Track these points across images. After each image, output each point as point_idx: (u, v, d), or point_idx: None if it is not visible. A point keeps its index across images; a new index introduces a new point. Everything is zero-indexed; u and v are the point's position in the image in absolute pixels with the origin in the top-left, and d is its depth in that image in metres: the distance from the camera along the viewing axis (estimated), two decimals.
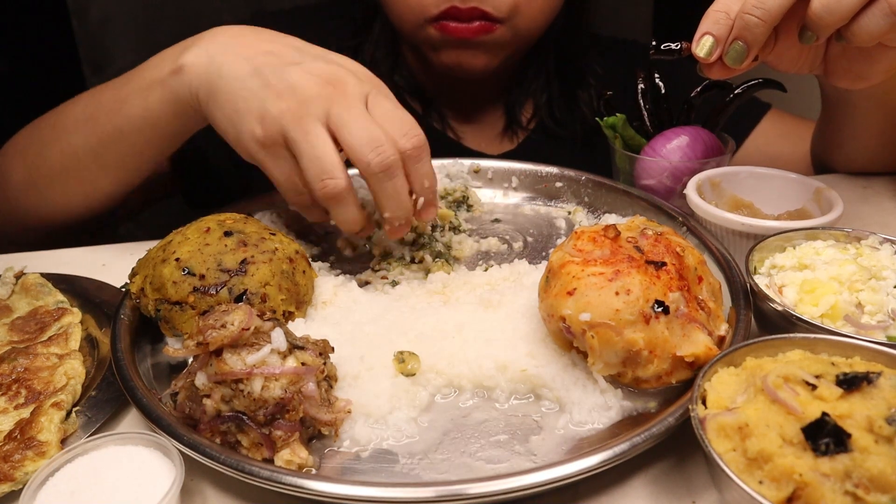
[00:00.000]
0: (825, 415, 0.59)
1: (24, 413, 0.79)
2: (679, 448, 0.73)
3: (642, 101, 1.24)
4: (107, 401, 0.81)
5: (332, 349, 0.80)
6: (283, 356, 0.73)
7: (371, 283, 1.03)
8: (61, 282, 1.02)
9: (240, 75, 0.94)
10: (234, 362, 0.71)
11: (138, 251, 1.06)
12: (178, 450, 0.68)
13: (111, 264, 1.12)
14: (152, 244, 0.95)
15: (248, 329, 0.73)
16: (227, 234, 0.91)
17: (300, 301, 0.91)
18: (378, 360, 0.82)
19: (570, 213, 1.19)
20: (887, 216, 1.19)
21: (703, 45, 0.92)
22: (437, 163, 1.16)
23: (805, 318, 0.77)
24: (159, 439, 0.69)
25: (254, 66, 0.94)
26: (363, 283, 1.02)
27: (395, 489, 0.65)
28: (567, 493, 0.70)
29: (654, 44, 0.99)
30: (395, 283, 1.01)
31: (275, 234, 0.94)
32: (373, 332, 0.87)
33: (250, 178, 1.18)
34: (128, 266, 0.95)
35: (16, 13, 2.70)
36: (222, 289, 0.86)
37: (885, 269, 0.83)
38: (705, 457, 0.62)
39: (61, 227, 1.21)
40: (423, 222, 1.07)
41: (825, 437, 0.58)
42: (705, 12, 0.92)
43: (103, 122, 1.08)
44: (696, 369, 0.75)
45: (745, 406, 0.63)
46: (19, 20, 2.74)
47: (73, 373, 0.84)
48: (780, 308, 0.79)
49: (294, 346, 0.75)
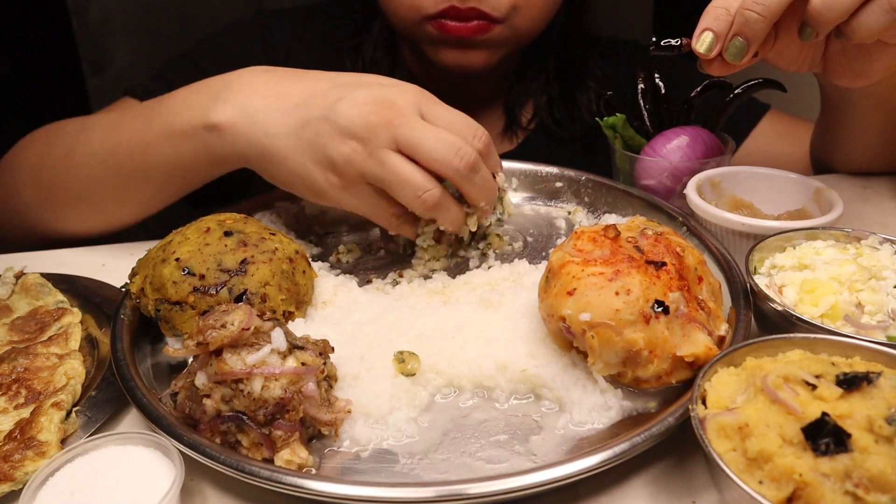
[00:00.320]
0: (825, 415, 0.59)
1: (24, 413, 0.79)
2: (679, 448, 0.73)
3: (642, 101, 1.24)
4: (107, 401, 0.81)
5: (332, 349, 0.80)
6: (283, 356, 0.73)
7: (372, 282, 1.03)
8: (61, 282, 1.02)
9: (290, 131, 0.95)
10: (234, 362, 0.71)
11: (138, 251, 1.07)
12: (178, 450, 0.68)
13: (111, 264, 1.12)
14: (152, 244, 0.95)
15: (248, 329, 0.73)
16: (227, 234, 0.91)
17: (300, 301, 0.91)
18: (378, 360, 0.82)
19: (570, 213, 1.19)
20: (887, 216, 1.19)
21: (702, 41, 0.92)
22: None
23: (805, 318, 0.77)
24: (159, 439, 0.69)
25: (300, 117, 0.95)
26: (364, 283, 1.02)
27: (395, 489, 0.65)
28: (567, 493, 0.70)
29: (654, 40, 0.99)
30: (395, 283, 1.01)
31: (275, 234, 0.94)
32: (373, 332, 0.87)
33: (250, 178, 1.18)
34: (128, 266, 0.95)
35: (16, 13, 2.70)
36: (222, 289, 0.86)
37: (885, 269, 0.83)
38: (705, 457, 0.62)
39: (74, 241, 1.21)
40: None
41: (825, 437, 0.58)
42: (705, 8, 0.92)
43: (125, 163, 1.08)
44: (696, 369, 0.75)
45: (745, 406, 0.63)
46: (19, 20, 2.74)
47: (73, 373, 0.84)
48: (780, 308, 0.79)
49: (294, 346, 0.75)
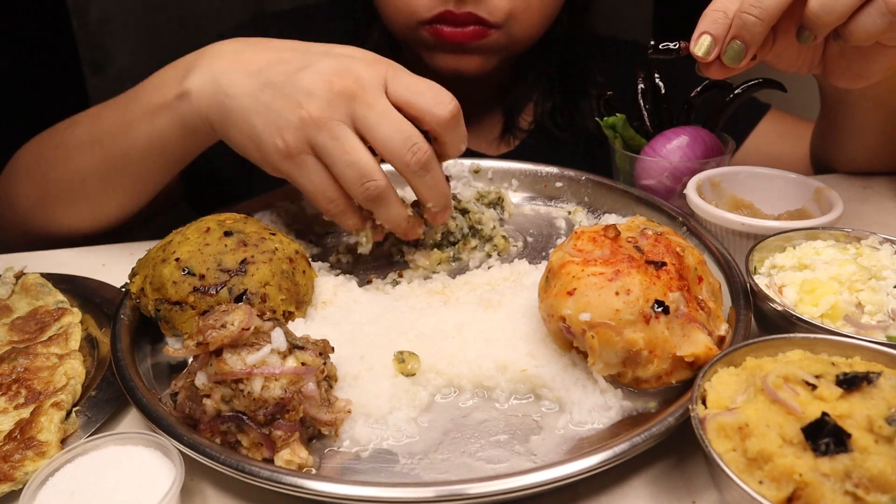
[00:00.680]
0: (825, 415, 0.59)
1: (24, 413, 0.79)
2: (679, 448, 0.73)
3: (642, 101, 1.24)
4: (107, 401, 0.81)
5: (332, 349, 0.80)
6: (283, 356, 0.73)
7: (372, 282, 1.03)
8: (61, 282, 1.02)
9: (250, 91, 0.93)
10: (234, 362, 0.71)
11: (138, 251, 1.07)
12: (178, 450, 0.68)
13: (111, 264, 1.12)
14: (152, 244, 0.95)
15: (248, 329, 0.73)
16: (227, 234, 0.91)
17: (300, 301, 0.91)
18: (378, 360, 0.82)
19: (570, 213, 1.19)
20: (887, 216, 1.19)
21: (701, 45, 0.92)
22: None
23: (805, 318, 0.77)
24: (159, 439, 0.69)
25: (262, 80, 0.93)
26: (364, 283, 1.02)
27: (395, 489, 0.65)
28: (567, 493, 0.70)
29: (652, 43, 0.99)
30: (395, 283, 1.01)
31: (275, 234, 0.94)
32: (373, 332, 0.87)
33: (251, 178, 1.18)
34: (128, 266, 0.95)
35: (16, 13, 2.70)
36: (222, 289, 0.86)
37: (885, 269, 0.83)
38: (705, 457, 0.62)
39: (71, 241, 1.21)
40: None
41: (825, 437, 0.58)
42: (703, 12, 0.92)
43: (108, 146, 1.08)
44: (696, 369, 0.75)
45: (745, 406, 0.63)
46: (19, 20, 2.74)
47: (73, 373, 0.84)
48: (780, 308, 0.79)
49: (294, 346, 0.75)
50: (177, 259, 0.88)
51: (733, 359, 0.71)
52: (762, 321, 0.84)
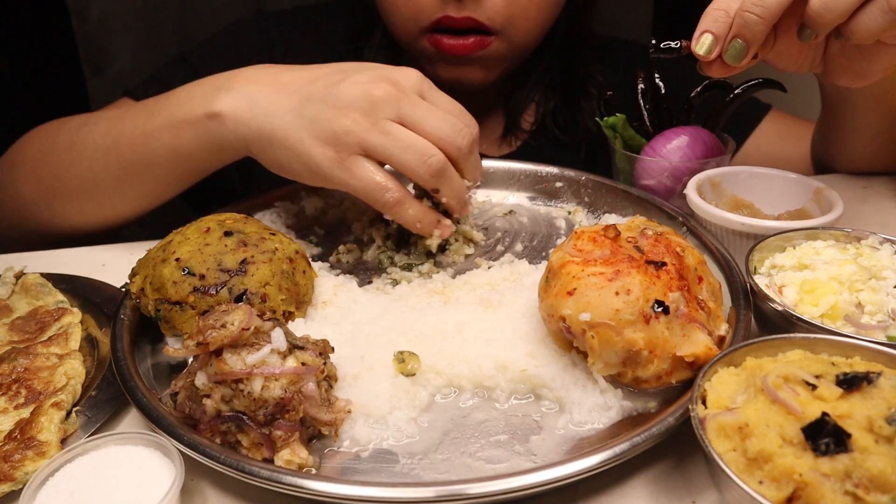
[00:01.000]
0: (825, 415, 0.59)
1: (24, 413, 0.79)
2: (679, 448, 0.73)
3: (642, 101, 1.23)
4: (107, 401, 0.81)
5: (332, 349, 0.80)
6: (283, 356, 0.73)
7: (372, 282, 1.03)
8: (61, 282, 1.02)
9: (291, 108, 0.96)
10: (234, 362, 0.71)
11: (138, 251, 1.06)
12: (178, 450, 0.68)
13: (111, 264, 1.12)
14: (152, 244, 0.95)
15: (248, 329, 0.73)
16: (227, 234, 0.91)
17: (300, 301, 0.91)
18: (378, 360, 0.82)
19: (570, 213, 1.19)
20: (887, 216, 1.19)
21: (702, 43, 0.92)
22: None
23: (805, 318, 0.77)
24: (159, 439, 0.69)
25: (303, 96, 0.96)
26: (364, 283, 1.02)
27: (395, 489, 0.65)
28: (567, 493, 0.70)
29: (653, 42, 0.99)
30: (395, 283, 1.01)
31: (275, 234, 0.94)
32: (373, 332, 0.87)
33: (251, 178, 1.18)
34: (128, 266, 0.95)
35: (16, 13, 2.70)
36: (222, 289, 0.86)
37: (885, 269, 0.83)
38: (705, 457, 0.62)
39: (75, 238, 1.21)
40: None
41: (825, 437, 0.58)
42: (705, 10, 0.92)
43: (127, 154, 1.09)
44: (696, 369, 0.75)
45: (745, 406, 0.63)
46: (19, 20, 2.74)
47: (73, 373, 0.84)
48: (780, 308, 0.79)
49: (294, 346, 0.75)
50: (177, 259, 0.88)
51: (733, 359, 0.71)
52: (762, 321, 0.84)
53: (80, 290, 1.01)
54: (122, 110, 1.17)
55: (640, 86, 1.24)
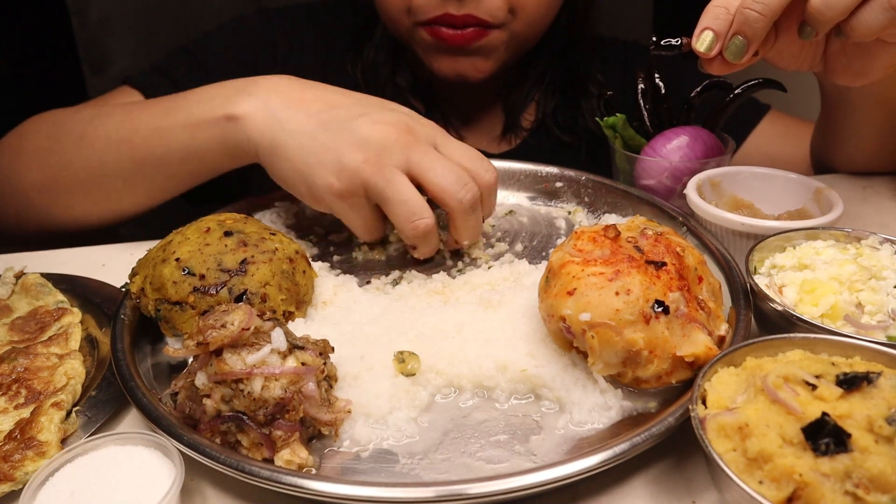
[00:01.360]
0: (825, 415, 0.59)
1: (24, 413, 0.79)
2: (679, 448, 0.73)
3: (642, 101, 1.23)
4: (107, 401, 0.81)
5: (332, 349, 0.80)
6: (283, 356, 0.73)
7: (372, 282, 1.03)
8: (61, 282, 1.02)
9: (307, 130, 0.98)
10: (234, 362, 0.71)
11: (138, 251, 1.06)
12: (178, 450, 0.68)
13: (111, 264, 1.12)
14: (152, 244, 0.95)
15: (248, 329, 0.73)
16: (227, 234, 0.91)
17: (300, 301, 0.91)
18: (378, 360, 0.82)
19: (570, 213, 1.19)
20: (887, 216, 1.19)
21: (702, 40, 0.92)
22: None
23: (805, 318, 0.77)
24: (159, 439, 0.69)
25: (321, 121, 0.98)
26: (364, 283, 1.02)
27: (395, 489, 0.65)
28: (567, 493, 0.70)
29: (654, 39, 0.99)
30: (395, 283, 1.01)
31: (275, 234, 0.94)
32: (373, 332, 0.87)
33: (250, 178, 1.18)
34: (128, 266, 0.95)
35: (16, 13, 2.70)
36: (222, 289, 0.86)
37: (885, 269, 0.83)
38: (705, 457, 0.62)
39: (77, 231, 1.21)
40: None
41: (825, 437, 0.58)
42: (705, 7, 0.92)
43: (140, 148, 1.09)
44: (696, 369, 0.75)
45: (745, 406, 0.63)
46: (19, 20, 2.74)
47: (73, 373, 0.84)
48: (780, 308, 0.79)
49: (294, 346, 0.75)
50: (177, 259, 0.88)
51: (733, 359, 0.71)
52: (762, 321, 0.84)
53: (80, 290, 1.01)
54: (138, 104, 1.17)
55: (640, 86, 1.24)
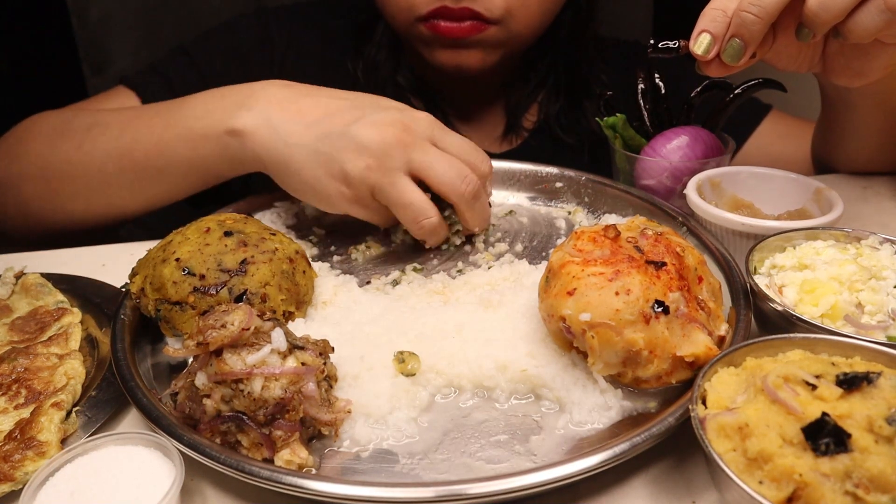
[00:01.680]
0: (825, 415, 0.59)
1: (24, 413, 0.79)
2: (679, 448, 0.73)
3: (642, 101, 1.23)
4: (107, 401, 0.81)
5: (332, 349, 0.80)
6: (283, 356, 0.73)
7: (372, 282, 1.03)
8: (61, 282, 1.02)
9: (308, 143, 1.00)
10: (234, 362, 0.71)
11: (138, 251, 1.06)
12: (178, 450, 0.68)
13: (111, 264, 1.12)
14: (152, 244, 0.95)
15: (248, 329, 0.73)
16: (227, 234, 0.91)
17: (300, 301, 0.91)
18: (378, 360, 0.82)
19: (570, 213, 1.19)
20: (887, 216, 1.19)
21: (700, 43, 0.92)
22: None
23: (805, 318, 0.77)
24: (159, 439, 0.69)
25: (319, 132, 1.00)
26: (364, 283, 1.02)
27: (395, 489, 0.65)
28: (567, 493, 0.70)
29: (652, 42, 0.99)
30: (395, 283, 1.01)
31: (275, 234, 0.94)
32: (373, 332, 0.87)
33: (249, 178, 1.18)
34: (128, 266, 0.95)
35: (16, 13, 2.70)
36: (222, 289, 0.86)
37: (885, 269, 0.83)
38: (705, 457, 0.62)
39: (75, 232, 1.21)
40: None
41: (825, 437, 0.58)
42: (703, 10, 0.92)
43: (141, 160, 1.10)
44: (696, 369, 0.75)
45: (745, 406, 0.63)
46: (19, 20, 2.74)
47: (73, 373, 0.84)
48: (780, 308, 0.79)
49: (294, 346, 0.75)
50: (177, 259, 0.88)
51: (733, 359, 0.71)
52: (762, 321, 0.84)
53: (80, 290, 1.01)
54: (134, 112, 1.17)
55: (640, 86, 1.24)
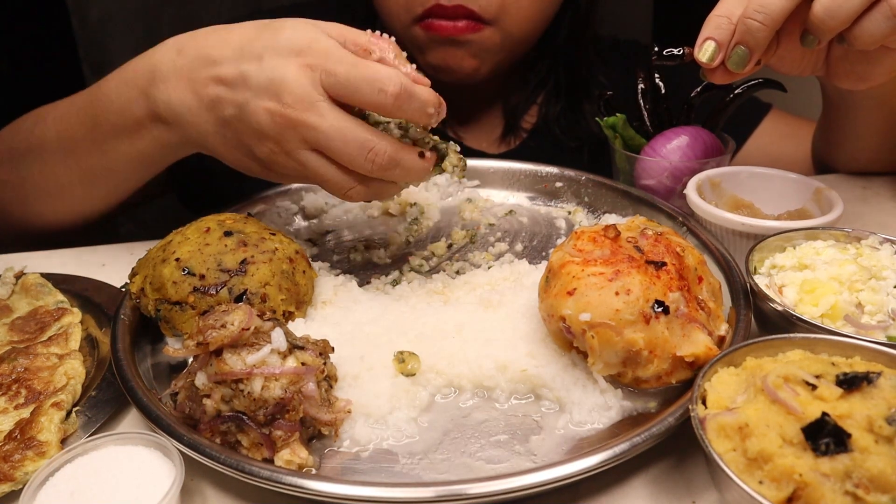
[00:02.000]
0: (825, 415, 0.59)
1: (24, 413, 0.79)
2: (679, 448, 0.73)
3: (642, 101, 1.23)
4: (107, 401, 0.81)
5: (332, 349, 0.80)
6: (283, 356, 0.73)
7: (372, 282, 1.03)
8: (61, 282, 1.02)
9: (215, 131, 0.92)
10: (234, 362, 0.71)
11: (138, 251, 1.07)
12: (178, 450, 0.68)
13: (111, 264, 1.12)
14: (152, 244, 0.95)
15: (248, 329, 0.73)
16: (227, 234, 0.91)
17: (300, 301, 0.91)
18: (378, 360, 0.82)
19: (570, 213, 1.19)
20: (887, 216, 1.19)
21: (705, 51, 0.92)
22: None
23: (805, 318, 0.77)
24: (159, 439, 0.69)
25: (217, 118, 0.91)
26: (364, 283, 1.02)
27: (395, 489, 0.65)
28: (567, 493, 0.70)
29: (656, 49, 0.99)
30: (395, 283, 1.01)
31: (275, 234, 0.94)
32: (373, 332, 0.87)
33: (244, 178, 1.18)
34: (128, 266, 0.95)
35: (16, 13, 2.70)
36: (222, 289, 0.86)
37: (885, 269, 0.83)
38: (705, 457, 0.62)
39: (55, 235, 1.21)
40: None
41: (825, 437, 0.58)
42: (707, 17, 0.92)
43: (85, 160, 1.08)
44: (696, 369, 0.75)
45: (745, 406, 0.63)
46: (19, 20, 2.74)
47: (73, 373, 0.84)
48: (780, 308, 0.79)
49: (294, 346, 0.75)
50: (177, 259, 0.88)
51: (733, 359, 0.71)
52: (762, 321, 0.84)
53: (80, 290, 1.01)
54: (64, 108, 1.14)
55: (640, 86, 1.24)
